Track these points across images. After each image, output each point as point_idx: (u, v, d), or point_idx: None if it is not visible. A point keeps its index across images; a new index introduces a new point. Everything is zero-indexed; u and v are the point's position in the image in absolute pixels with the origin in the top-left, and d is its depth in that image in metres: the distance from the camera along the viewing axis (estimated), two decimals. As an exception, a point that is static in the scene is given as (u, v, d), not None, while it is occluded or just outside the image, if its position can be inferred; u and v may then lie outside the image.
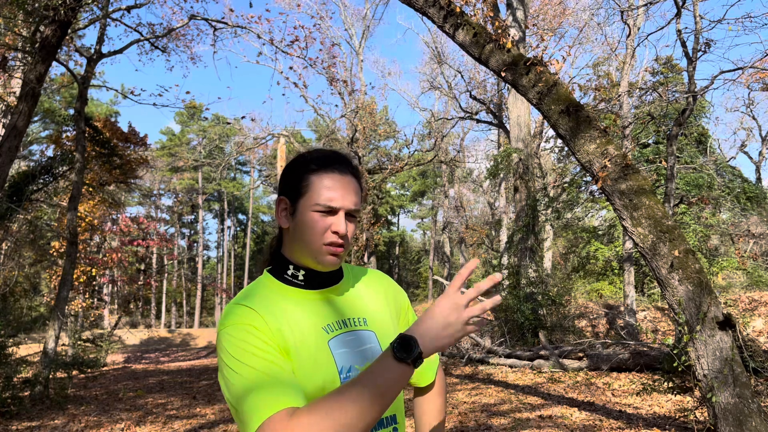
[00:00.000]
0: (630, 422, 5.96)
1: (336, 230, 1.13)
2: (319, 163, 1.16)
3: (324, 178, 1.15)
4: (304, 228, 1.14)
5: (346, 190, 1.15)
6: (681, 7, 8.82)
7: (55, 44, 7.35)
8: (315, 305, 1.17)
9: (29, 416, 7.92)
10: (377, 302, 1.27)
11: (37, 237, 16.37)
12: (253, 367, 0.99)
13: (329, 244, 1.14)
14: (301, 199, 1.15)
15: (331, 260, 1.15)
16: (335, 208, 1.14)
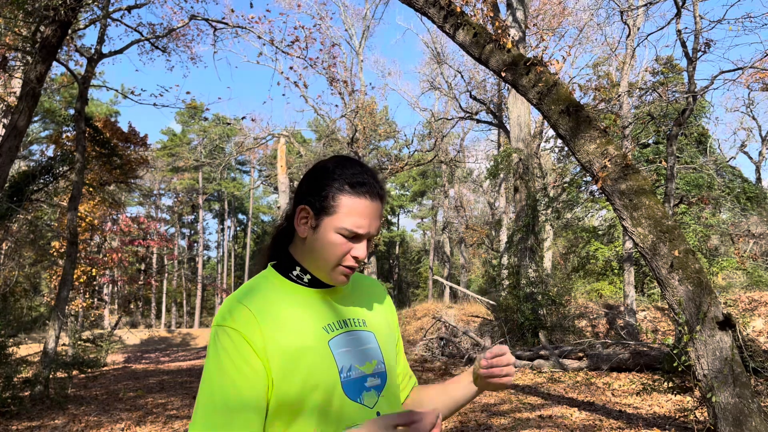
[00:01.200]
0: (630, 422, 5.96)
1: (356, 255, 1.14)
2: (353, 184, 1.13)
3: (356, 203, 1.12)
4: (324, 246, 1.12)
5: (373, 216, 1.14)
6: (681, 7, 8.82)
7: (56, 44, 7.36)
8: (316, 305, 1.17)
9: (29, 416, 7.92)
10: (376, 308, 1.29)
11: (37, 237, 16.37)
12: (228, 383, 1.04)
13: (347, 266, 1.15)
14: (326, 217, 1.12)
15: (343, 280, 1.17)
16: (361, 236, 1.13)
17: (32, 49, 8.00)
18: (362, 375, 1.13)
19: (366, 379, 1.14)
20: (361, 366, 1.14)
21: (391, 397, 1.19)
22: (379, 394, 1.15)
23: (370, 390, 1.14)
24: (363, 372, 1.14)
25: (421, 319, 19.80)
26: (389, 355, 1.23)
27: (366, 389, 1.13)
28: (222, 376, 1.04)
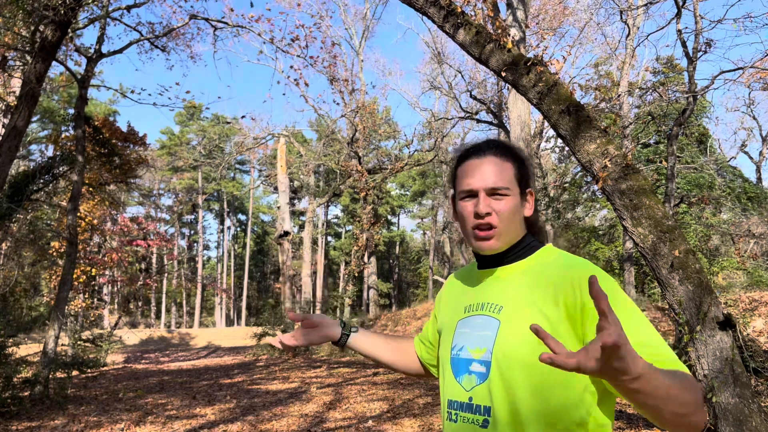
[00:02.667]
0: (630, 422, 5.95)
1: (476, 211, 1.17)
2: (464, 155, 1.25)
3: (463, 167, 1.23)
4: (458, 218, 1.25)
5: (483, 170, 1.19)
6: (681, 7, 8.81)
7: (55, 44, 7.35)
8: (476, 284, 1.28)
9: (29, 416, 7.91)
10: (539, 292, 1.12)
11: (37, 237, 16.36)
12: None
13: (475, 228, 1.19)
14: (455, 193, 1.25)
15: (482, 245, 1.19)
16: (474, 191, 1.19)
17: (32, 49, 7.99)
18: (469, 357, 1.17)
19: (471, 362, 1.16)
20: (471, 348, 1.17)
21: (494, 390, 1.10)
22: (480, 381, 1.13)
23: (472, 374, 1.15)
24: (471, 355, 1.17)
25: (421, 318, 19.81)
26: (509, 345, 1.10)
27: (468, 372, 1.16)
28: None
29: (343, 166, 21.36)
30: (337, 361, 15.08)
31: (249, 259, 48.91)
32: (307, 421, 7.13)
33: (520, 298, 1.15)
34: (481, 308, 1.20)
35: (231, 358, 19.09)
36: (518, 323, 1.11)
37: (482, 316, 1.18)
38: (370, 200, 22.18)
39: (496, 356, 1.12)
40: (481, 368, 1.14)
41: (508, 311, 1.15)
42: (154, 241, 26.96)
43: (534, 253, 1.22)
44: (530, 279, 1.17)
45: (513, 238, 1.20)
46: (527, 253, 1.22)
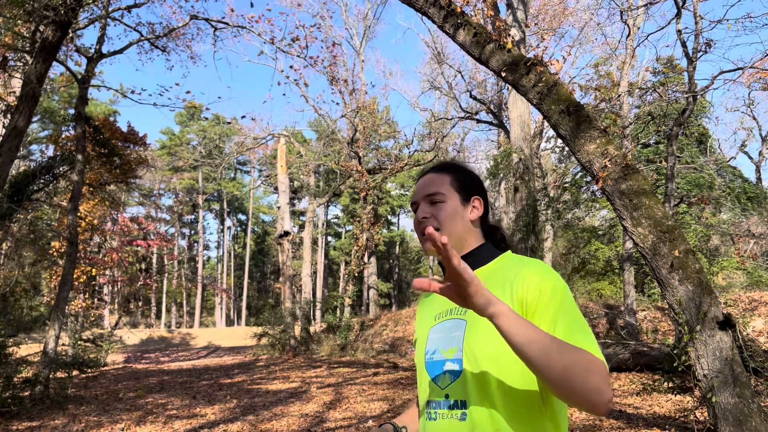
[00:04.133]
0: (630, 422, 5.96)
1: (416, 218, 1.33)
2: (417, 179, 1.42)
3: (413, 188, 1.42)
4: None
5: (422, 184, 1.36)
6: (681, 7, 8.82)
7: (56, 44, 7.35)
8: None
9: (29, 416, 7.92)
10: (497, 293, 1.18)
11: (37, 237, 16.36)
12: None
13: (420, 234, 1.31)
14: None
15: (426, 247, 1.26)
16: (415, 202, 1.36)
17: (32, 49, 7.99)
18: (443, 359, 1.24)
19: (445, 362, 1.24)
20: (444, 350, 1.25)
21: (468, 385, 1.18)
22: (454, 379, 1.21)
23: (446, 373, 1.23)
24: (444, 356, 1.24)
25: (421, 319, 19.77)
26: (477, 342, 1.18)
27: (443, 372, 1.23)
28: None
29: (343, 166, 21.37)
30: (337, 361, 15.08)
31: (249, 259, 48.91)
32: (307, 420, 7.13)
33: None
34: (450, 313, 1.28)
35: (231, 358, 19.10)
36: (483, 321, 1.17)
37: (451, 320, 1.27)
38: (370, 200, 22.18)
39: (466, 352, 1.20)
40: (454, 366, 1.21)
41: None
42: (154, 241, 26.96)
43: (494, 259, 1.31)
44: (491, 281, 1.24)
45: (457, 239, 1.30)
46: (488, 260, 1.31)
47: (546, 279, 1.16)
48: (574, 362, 1.00)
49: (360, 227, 22.48)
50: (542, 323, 1.12)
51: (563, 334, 1.09)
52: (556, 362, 0.99)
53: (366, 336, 18.40)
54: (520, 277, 1.18)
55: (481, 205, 1.36)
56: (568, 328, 1.11)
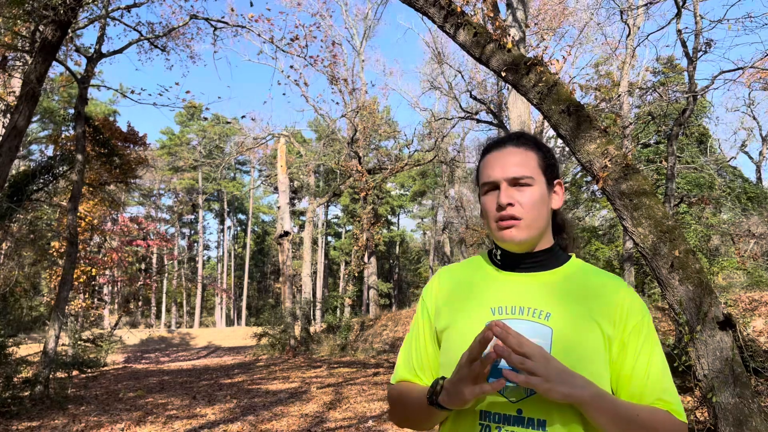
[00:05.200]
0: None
1: (500, 202, 1.12)
2: (485, 149, 1.23)
3: (486, 160, 1.20)
4: (483, 213, 1.20)
5: (505, 160, 1.15)
6: (681, 7, 8.81)
7: (55, 44, 7.34)
8: (500, 285, 1.17)
9: (29, 416, 7.91)
10: (588, 306, 1.11)
11: (37, 237, 16.36)
12: (408, 334, 1.29)
13: (498, 220, 1.13)
14: (479, 189, 1.21)
15: (505, 235, 1.13)
16: (495, 182, 1.15)
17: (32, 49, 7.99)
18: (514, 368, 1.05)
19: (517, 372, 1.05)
20: None
21: (551, 402, 1.02)
22: (531, 393, 1.04)
23: (518, 385, 1.02)
24: None
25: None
26: (570, 357, 1.05)
27: (513, 383, 1.01)
28: (413, 323, 1.29)
29: (343, 166, 21.36)
30: (337, 361, 15.08)
31: (249, 259, 48.91)
32: (307, 421, 7.13)
33: (571, 308, 1.10)
34: (521, 312, 1.10)
35: (231, 358, 19.10)
36: (573, 333, 1.07)
37: (526, 322, 1.09)
38: (370, 200, 22.18)
39: None
40: None
41: (559, 320, 1.09)
42: (154, 241, 26.95)
43: (567, 262, 1.19)
44: (577, 289, 1.13)
45: (540, 232, 1.15)
46: (561, 261, 1.19)
47: (643, 308, 1.14)
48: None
49: (360, 227, 22.47)
50: (630, 350, 1.10)
51: (653, 372, 1.10)
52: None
53: (366, 336, 18.40)
54: (618, 298, 1.13)
55: (562, 192, 1.22)
56: (659, 372, 1.11)
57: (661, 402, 1.07)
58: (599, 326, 1.09)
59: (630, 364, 1.10)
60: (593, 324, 1.09)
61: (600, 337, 1.08)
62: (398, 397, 1.23)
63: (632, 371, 1.09)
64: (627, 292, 1.14)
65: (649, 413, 1.05)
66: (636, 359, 1.09)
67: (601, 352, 1.08)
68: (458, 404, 1.03)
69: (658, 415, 1.05)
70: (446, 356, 1.15)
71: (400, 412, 1.22)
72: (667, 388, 1.09)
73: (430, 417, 1.12)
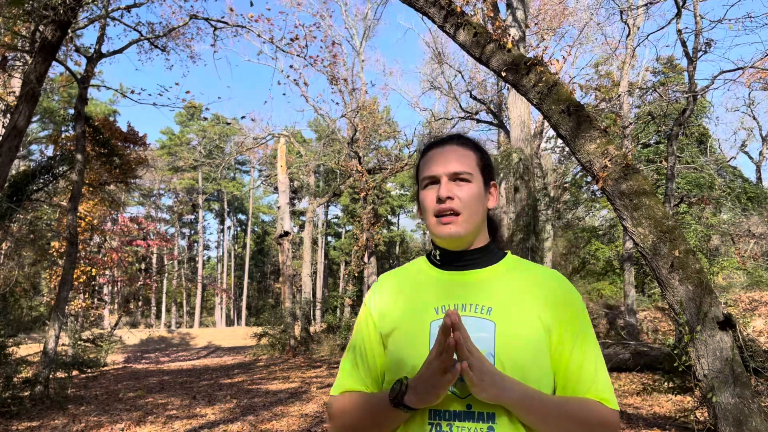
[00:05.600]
0: (630, 422, 5.95)
1: (438, 196, 1.15)
2: (426, 147, 1.25)
3: (427, 156, 1.22)
4: (420, 209, 1.22)
5: (445, 156, 1.19)
6: (681, 7, 8.82)
7: (55, 44, 7.34)
8: (441, 285, 1.19)
9: (29, 416, 7.91)
10: (525, 301, 1.14)
11: (37, 237, 16.36)
12: (352, 342, 1.26)
13: (437, 215, 1.16)
14: (418, 186, 1.23)
15: (444, 231, 1.15)
16: (436, 176, 1.17)
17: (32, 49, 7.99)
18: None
19: None
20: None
21: None
22: None
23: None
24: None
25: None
26: (513, 348, 1.08)
27: (461, 378, 1.03)
28: (355, 330, 1.27)
29: (343, 166, 21.36)
30: (337, 361, 15.08)
31: (249, 259, 48.90)
32: (307, 421, 7.13)
33: (510, 301, 1.13)
34: (464, 309, 1.12)
35: (231, 358, 19.10)
36: (515, 326, 1.10)
37: (469, 318, 1.11)
38: (370, 200, 22.17)
39: (501, 359, 1.08)
40: None
41: (500, 313, 1.11)
42: (154, 241, 26.95)
43: (503, 258, 1.22)
44: (515, 283, 1.17)
45: (476, 228, 1.18)
46: (497, 258, 1.22)
47: (578, 299, 1.18)
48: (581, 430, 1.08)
49: (360, 227, 22.47)
50: (566, 340, 1.13)
51: (586, 365, 1.13)
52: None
53: (366, 336, 18.39)
54: (554, 290, 1.16)
55: (497, 193, 1.26)
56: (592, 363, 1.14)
57: (591, 393, 1.11)
58: (538, 317, 1.12)
59: (566, 356, 1.13)
60: (532, 316, 1.12)
61: (540, 328, 1.11)
62: (345, 409, 1.18)
63: (568, 363, 1.13)
64: (561, 284, 1.18)
65: (578, 406, 1.09)
66: (571, 351, 1.13)
67: (542, 343, 1.11)
68: (430, 400, 1.03)
69: (587, 406, 1.10)
70: (394, 359, 1.15)
71: (347, 424, 1.18)
72: (599, 379, 1.13)
73: (386, 423, 1.10)
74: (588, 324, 1.17)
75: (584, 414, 1.08)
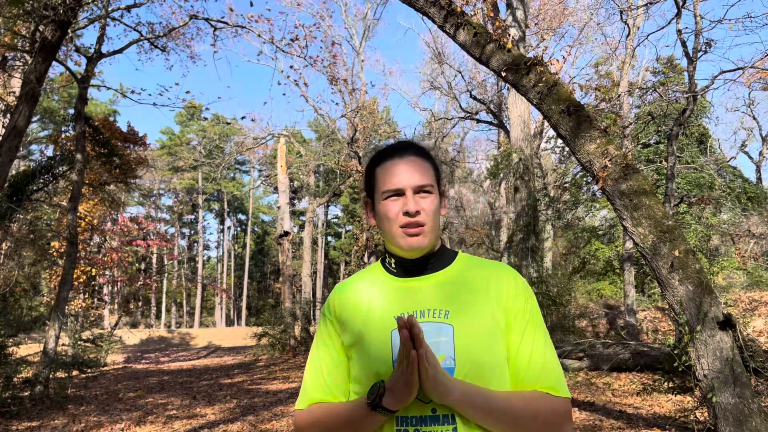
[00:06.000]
0: (630, 422, 5.95)
1: (406, 210, 1.16)
2: (381, 155, 1.24)
3: (386, 166, 1.21)
4: (382, 219, 1.21)
5: (408, 168, 1.19)
6: (681, 7, 8.82)
7: (55, 44, 7.34)
8: (398, 293, 1.20)
9: (29, 416, 7.91)
10: (477, 298, 1.16)
11: (37, 237, 16.36)
12: (316, 354, 1.25)
13: (404, 226, 1.17)
14: (375, 194, 1.22)
15: (411, 242, 1.16)
16: (401, 189, 1.18)
17: (32, 49, 7.99)
18: None
19: None
20: None
21: None
22: None
23: None
24: None
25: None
26: (472, 349, 1.11)
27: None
28: (316, 344, 1.27)
29: (343, 166, 21.36)
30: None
31: (249, 259, 48.89)
32: (307, 421, 7.13)
33: (465, 302, 1.16)
34: (422, 315, 1.14)
35: (231, 358, 19.10)
36: (471, 326, 1.13)
37: (428, 323, 1.12)
38: (370, 200, 22.16)
39: (461, 361, 1.10)
40: None
41: (457, 315, 1.14)
42: (154, 241, 26.96)
43: (455, 259, 1.24)
44: (468, 283, 1.19)
45: (436, 237, 1.20)
46: (450, 259, 1.24)
47: (526, 291, 1.21)
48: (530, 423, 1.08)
49: (360, 227, 22.48)
50: (515, 332, 1.16)
51: (535, 357, 1.14)
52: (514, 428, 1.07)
53: (366, 336, 18.40)
54: (503, 285, 1.18)
55: (446, 200, 1.29)
56: (541, 355, 1.15)
57: (539, 385, 1.13)
58: (492, 316, 1.15)
59: (514, 349, 1.15)
60: (487, 313, 1.15)
61: (495, 324, 1.14)
62: (315, 420, 1.17)
63: (516, 355, 1.15)
64: (511, 277, 1.21)
65: (522, 400, 1.10)
66: (519, 343, 1.15)
67: (498, 340, 1.14)
68: (406, 400, 1.04)
69: (533, 399, 1.11)
70: (359, 369, 1.16)
71: None
72: (548, 369, 1.14)
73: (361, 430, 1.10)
74: (537, 314, 1.19)
75: (532, 407, 1.09)
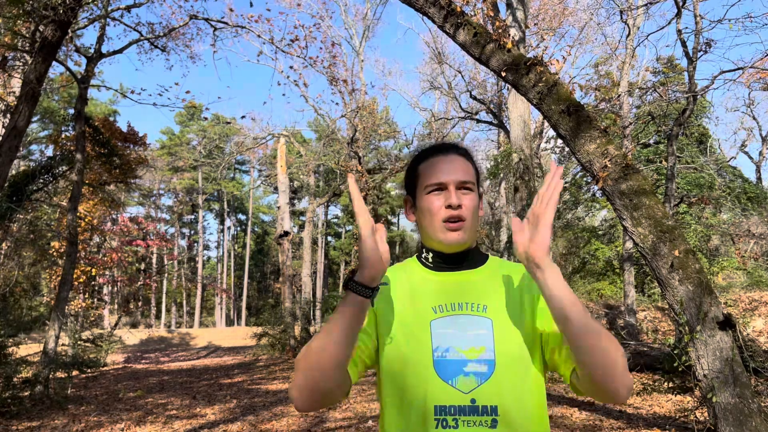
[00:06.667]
0: (630, 422, 5.95)
1: (449, 203, 1.19)
2: (424, 153, 1.28)
3: (430, 162, 1.25)
4: (423, 213, 1.24)
5: (451, 165, 1.23)
6: (681, 7, 8.82)
7: (55, 44, 7.34)
8: (436, 286, 1.23)
9: (29, 416, 7.91)
10: (514, 296, 1.21)
11: (37, 237, 16.35)
12: None
13: (446, 221, 1.20)
14: (416, 189, 1.26)
15: (452, 237, 1.20)
16: (444, 183, 1.21)
17: (32, 49, 7.99)
18: (462, 358, 1.13)
19: (466, 363, 1.13)
20: (463, 349, 1.14)
21: (501, 388, 1.11)
22: (481, 382, 1.11)
23: (469, 375, 1.12)
24: (464, 356, 1.13)
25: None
26: (510, 344, 1.14)
27: (464, 373, 1.12)
28: None
29: (343, 166, 21.36)
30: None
31: (249, 259, 48.89)
32: (307, 421, 7.13)
33: (501, 298, 1.20)
34: (461, 308, 1.18)
35: (231, 358, 19.10)
36: (508, 322, 1.17)
37: (465, 316, 1.17)
38: (370, 200, 22.17)
39: (500, 353, 1.13)
40: (481, 368, 1.12)
41: (495, 310, 1.18)
42: (154, 241, 26.96)
43: (488, 260, 1.29)
44: (501, 281, 1.23)
45: (475, 235, 1.25)
46: (483, 260, 1.28)
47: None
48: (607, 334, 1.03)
49: (360, 227, 22.45)
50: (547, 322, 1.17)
51: None
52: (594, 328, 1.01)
53: (366, 336, 18.38)
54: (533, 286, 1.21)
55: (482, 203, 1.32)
56: None
57: None
58: (523, 309, 1.19)
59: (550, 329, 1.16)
60: (520, 308, 1.19)
61: (529, 318, 1.18)
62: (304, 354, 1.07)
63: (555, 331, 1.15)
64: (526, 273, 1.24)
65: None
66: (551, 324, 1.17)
67: (533, 333, 1.18)
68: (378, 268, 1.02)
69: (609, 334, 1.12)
70: (395, 356, 1.17)
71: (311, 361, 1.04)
72: None
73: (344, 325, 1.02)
74: None
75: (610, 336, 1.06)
